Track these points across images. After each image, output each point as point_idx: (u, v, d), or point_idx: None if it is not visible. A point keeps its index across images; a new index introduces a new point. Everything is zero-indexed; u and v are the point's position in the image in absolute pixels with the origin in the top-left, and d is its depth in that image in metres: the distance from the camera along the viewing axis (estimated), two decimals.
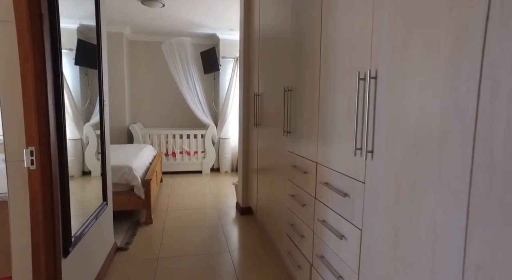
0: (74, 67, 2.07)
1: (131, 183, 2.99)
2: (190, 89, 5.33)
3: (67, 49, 2.02)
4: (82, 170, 2.20)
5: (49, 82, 1.30)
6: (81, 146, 2.19)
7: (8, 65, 1.25)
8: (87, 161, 2.25)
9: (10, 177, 1.31)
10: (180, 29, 5.10)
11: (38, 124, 1.25)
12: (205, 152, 5.42)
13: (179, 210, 3.52)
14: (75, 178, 2.09)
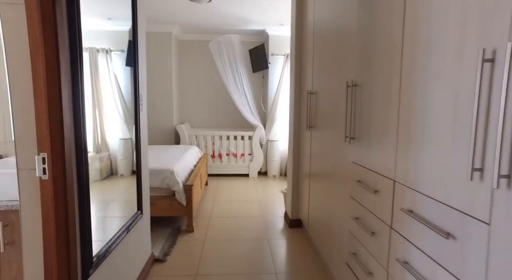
0: (126, 68, 2.07)
1: (172, 188, 2.81)
2: (237, 88, 5.11)
3: (119, 51, 2.10)
4: (132, 169, 2.19)
5: (63, 76, 1.08)
6: (131, 146, 2.18)
7: (20, 57, 1.07)
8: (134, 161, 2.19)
9: (22, 189, 1.12)
10: (228, 26, 4.91)
11: (49, 126, 1.05)
12: (252, 154, 5.16)
13: (222, 218, 3.28)
14: (125, 177, 2.16)
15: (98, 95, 3.92)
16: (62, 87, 1.07)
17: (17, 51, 1.06)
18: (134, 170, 2.21)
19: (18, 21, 1.05)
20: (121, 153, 2.30)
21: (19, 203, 1.13)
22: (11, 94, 1.07)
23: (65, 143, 1.10)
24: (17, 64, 1.07)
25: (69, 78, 1.12)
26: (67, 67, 1.11)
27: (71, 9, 1.13)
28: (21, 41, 1.05)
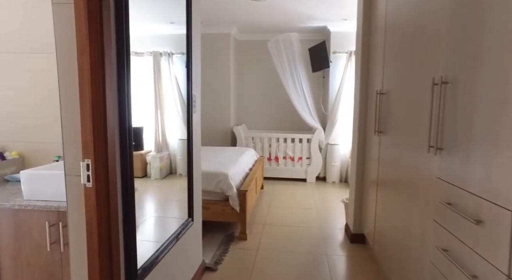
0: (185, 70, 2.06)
1: (226, 192, 2.72)
2: (296, 89, 4.88)
3: (180, 53, 2.16)
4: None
5: (108, 78, 1.01)
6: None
7: (70, 59, 1.02)
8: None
9: (69, 195, 1.08)
10: (287, 24, 4.72)
11: (93, 132, 0.98)
12: (310, 158, 4.89)
13: (278, 226, 3.10)
14: (183, 176, 2.15)
15: (160, 97, 4.04)
16: (106, 90, 1.00)
17: (67, 53, 1.02)
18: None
19: (68, 21, 1.00)
20: (180, 153, 2.35)
21: (67, 209, 1.09)
22: (60, 96, 1.03)
23: (108, 149, 1.02)
24: (66, 67, 1.02)
25: (115, 81, 1.05)
26: (112, 69, 1.03)
27: (119, 10, 1.06)
28: (71, 42, 1.00)
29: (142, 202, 2.81)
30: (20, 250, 1.52)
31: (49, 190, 1.48)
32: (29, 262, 1.53)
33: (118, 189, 1.09)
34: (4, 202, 1.48)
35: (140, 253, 1.58)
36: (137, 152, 3.17)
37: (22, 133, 1.95)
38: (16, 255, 1.53)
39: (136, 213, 2.45)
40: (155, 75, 3.77)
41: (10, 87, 1.94)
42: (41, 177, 1.50)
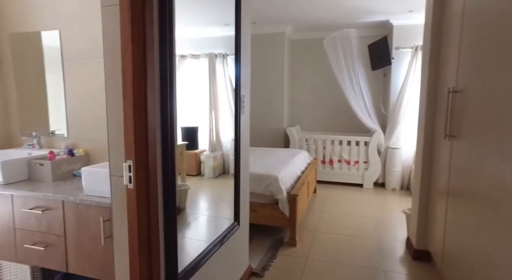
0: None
1: (275, 196, 2.64)
2: (353, 88, 4.59)
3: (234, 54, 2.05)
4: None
5: (150, 78, 0.99)
6: None
7: (115, 59, 1.03)
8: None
9: (114, 195, 1.10)
10: (344, 20, 4.46)
11: (134, 132, 0.97)
12: (368, 162, 4.55)
13: (330, 234, 2.91)
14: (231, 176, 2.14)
15: (214, 98, 4.10)
16: (148, 90, 0.98)
17: (114, 55, 1.03)
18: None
19: (115, 23, 1.01)
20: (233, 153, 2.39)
21: (112, 208, 1.11)
22: (106, 97, 1.05)
23: (149, 151, 1.01)
24: (112, 69, 1.04)
25: (158, 82, 1.03)
26: (155, 70, 1.02)
27: (162, 11, 1.04)
28: (117, 44, 1.01)
29: (195, 200, 2.88)
30: (81, 241, 1.63)
31: (104, 187, 1.56)
32: (88, 252, 1.63)
33: (159, 191, 1.07)
34: (69, 196, 1.60)
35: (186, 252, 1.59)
36: (192, 151, 3.26)
37: (89, 132, 2.12)
38: (78, 244, 1.64)
39: (188, 210, 2.51)
40: (210, 77, 3.85)
41: (83, 90, 2.11)
42: (97, 174, 1.58)
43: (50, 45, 2.14)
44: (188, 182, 3.04)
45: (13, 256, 1.81)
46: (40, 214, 1.69)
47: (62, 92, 2.14)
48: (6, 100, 2.31)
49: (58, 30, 2.09)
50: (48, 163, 1.85)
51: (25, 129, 2.28)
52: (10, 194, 1.74)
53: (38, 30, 2.13)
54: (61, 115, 2.16)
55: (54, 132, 2.20)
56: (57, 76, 2.14)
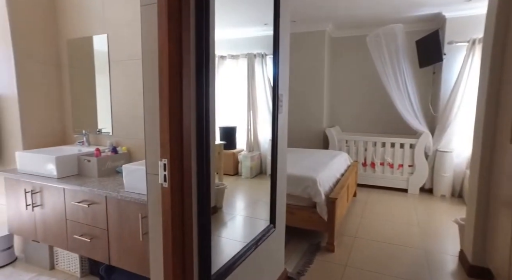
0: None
1: (313, 199, 2.55)
2: (398, 87, 4.31)
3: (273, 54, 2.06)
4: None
5: (185, 77, 0.99)
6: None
7: (153, 59, 1.04)
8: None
9: (150, 193, 1.11)
10: (390, 15, 4.21)
11: (170, 131, 0.97)
12: (413, 166, 4.25)
13: (370, 241, 2.75)
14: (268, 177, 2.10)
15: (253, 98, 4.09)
16: (183, 89, 0.97)
17: (151, 52, 1.04)
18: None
19: (153, 22, 1.02)
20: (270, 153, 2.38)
21: (148, 206, 1.13)
22: (144, 96, 1.07)
23: (184, 150, 1.00)
24: (150, 69, 1.05)
25: (193, 80, 1.02)
26: (190, 68, 1.01)
27: (199, 10, 1.03)
28: (155, 42, 1.02)
29: (232, 199, 2.89)
30: (122, 235, 1.69)
31: (142, 184, 1.60)
32: (128, 247, 1.69)
33: (193, 191, 1.07)
34: (112, 192, 1.67)
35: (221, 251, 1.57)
36: (230, 151, 3.28)
37: (131, 130, 2.21)
38: (119, 238, 1.71)
39: (225, 210, 2.52)
40: (248, 77, 3.86)
41: (127, 91, 2.21)
42: (136, 172, 1.63)
43: (99, 49, 2.27)
44: (226, 182, 3.06)
45: (65, 245, 1.94)
46: (86, 207, 1.79)
47: (108, 93, 2.25)
48: (62, 101, 2.50)
49: (106, 34, 2.20)
50: (94, 159, 1.96)
51: (77, 128, 2.45)
52: (63, 187, 1.87)
53: (90, 35, 2.27)
54: (107, 114, 2.28)
55: (101, 130, 2.34)
56: (105, 78, 2.26)
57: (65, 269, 2.17)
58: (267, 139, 3.02)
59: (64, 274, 2.16)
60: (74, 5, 2.33)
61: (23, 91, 2.24)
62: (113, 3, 2.15)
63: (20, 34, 2.21)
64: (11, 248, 2.30)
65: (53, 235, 1.99)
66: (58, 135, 2.49)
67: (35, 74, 2.32)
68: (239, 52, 3.61)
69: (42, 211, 2.00)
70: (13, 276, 2.12)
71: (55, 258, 2.21)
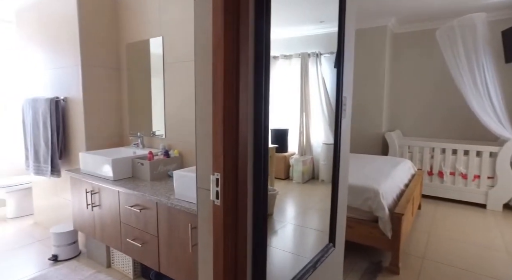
0: (333, 71, 2.02)
1: (375, 212, 2.28)
2: (476, 86, 3.75)
3: (328, 53, 2.07)
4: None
5: (243, 77, 0.85)
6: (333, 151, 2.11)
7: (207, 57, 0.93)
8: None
9: (200, 208, 1.00)
10: (468, 3, 3.67)
11: (224, 140, 0.84)
12: (495, 178, 3.66)
13: (443, 265, 2.38)
14: (325, 183, 2.09)
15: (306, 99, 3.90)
16: (240, 91, 0.84)
17: (204, 50, 0.93)
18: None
19: (207, 17, 0.91)
20: (323, 158, 2.25)
21: (198, 220, 1.02)
22: (196, 99, 0.96)
23: (239, 162, 0.87)
24: (203, 66, 0.94)
25: (252, 83, 0.88)
26: (248, 66, 0.87)
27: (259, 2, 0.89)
28: (208, 39, 0.91)
29: (283, 205, 2.74)
30: (172, 243, 1.64)
31: (193, 192, 1.52)
32: (177, 256, 1.63)
33: (248, 209, 0.93)
34: (162, 198, 1.63)
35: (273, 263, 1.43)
36: (281, 154, 3.14)
37: (184, 133, 2.17)
38: (169, 246, 1.66)
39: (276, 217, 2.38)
40: (302, 77, 3.67)
41: (180, 93, 2.18)
42: (186, 179, 1.56)
43: (155, 51, 2.27)
44: (276, 186, 2.92)
45: (119, 246, 1.96)
46: (138, 212, 1.77)
47: (162, 95, 2.25)
48: (121, 103, 2.58)
49: (161, 36, 2.20)
50: (147, 163, 1.95)
51: (133, 130, 2.50)
52: (117, 190, 1.89)
53: (147, 38, 2.29)
54: (161, 117, 2.28)
55: (154, 133, 2.35)
56: (159, 81, 2.26)
57: (120, 268, 2.21)
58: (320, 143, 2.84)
59: (118, 273, 2.20)
60: (134, 11, 2.37)
61: (87, 94, 2.34)
62: (168, 5, 2.14)
63: (87, 41, 2.31)
64: (76, 243, 2.42)
65: (109, 236, 2.02)
66: (116, 136, 2.57)
67: (98, 78, 2.41)
68: (292, 51, 3.44)
69: (100, 211, 2.05)
70: (77, 270, 2.22)
71: (111, 257, 2.27)
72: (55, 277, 2.14)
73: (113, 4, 2.47)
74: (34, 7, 2.64)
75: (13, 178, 3.30)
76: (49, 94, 2.62)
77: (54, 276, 2.16)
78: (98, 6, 2.37)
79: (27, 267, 2.29)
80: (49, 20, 2.53)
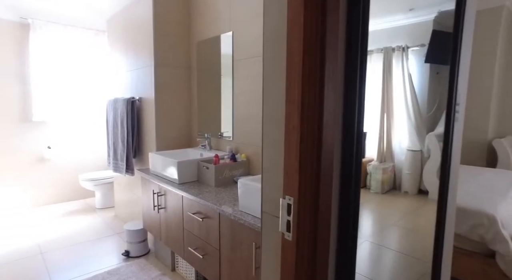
0: (423, 66, 1.86)
1: (490, 245, 1.75)
2: None
3: (417, 46, 1.86)
4: (419, 187, 1.94)
5: (329, 68, 0.59)
6: (420, 159, 1.97)
7: (280, 42, 0.69)
8: (425, 177, 1.90)
9: (265, 237, 0.76)
10: None
11: (301, 152, 0.59)
12: None
13: None
14: (409, 195, 1.96)
15: (388, 99, 3.38)
16: (326, 86, 0.58)
17: (275, 31, 0.69)
18: (421, 189, 1.88)
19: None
20: (408, 166, 2.06)
21: (261, 248, 0.79)
22: (263, 97, 0.72)
23: (321, 183, 0.60)
24: (272, 55, 0.70)
25: (342, 73, 0.61)
26: (338, 54, 0.60)
27: None
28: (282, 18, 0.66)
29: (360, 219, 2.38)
30: (234, 260, 1.45)
31: (259, 205, 1.31)
32: (238, 275, 1.43)
33: (331, 248, 0.66)
34: (225, 209, 1.45)
35: None
36: None
37: (252, 136, 1.99)
38: (230, 263, 1.48)
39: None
40: (384, 74, 3.20)
41: (249, 92, 2.01)
42: (252, 189, 1.35)
43: (224, 50, 2.15)
44: None
45: (182, 253, 1.87)
46: (200, 221, 1.64)
47: (231, 95, 2.10)
48: (190, 103, 2.53)
49: (231, 31, 2.05)
50: (212, 167, 1.81)
51: (201, 130, 2.42)
52: (182, 195, 1.79)
53: (218, 35, 2.18)
54: (229, 118, 2.14)
55: (222, 135, 2.22)
56: (228, 80, 2.13)
57: (183, 274, 2.14)
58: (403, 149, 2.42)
59: (182, 279, 2.13)
60: (205, 7, 2.29)
61: (159, 94, 2.34)
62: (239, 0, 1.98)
63: (160, 41, 2.31)
64: (146, 241, 2.45)
65: (173, 241, 1.95)
66: (185, 137, 2.53)
67: (169, 78, 2.39)
68: (373, 46, 3.02)
69: (166, 214, 2.00)
70: (145, 269, 2.22)
71: (176, 260, 2.22)
72: (125, 273, 2.18)
73: (185, 4, 2.43)
74: (120, 15, 2.78)
75: (99, 173, 3.59)
76: (127, 94, 2.72)
77: (125, 272, 2.20)
78: (172, 5, 2.35)
79: (104, 259, 2.39)
80: (130, 25, 2.63)
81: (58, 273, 2.21)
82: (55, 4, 2.82)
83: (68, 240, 2.73)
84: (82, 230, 2.95)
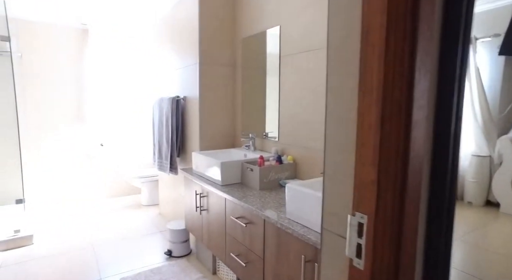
0: (496, 59, 1.69)
1: None
2: None
3: (490, 36, 1.66)
4: (486, 198, 1.75)
5: (421, 54, 0.44)
6: (488, 166, 1.79)
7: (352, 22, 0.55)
8: (494, 187, 1.74)
9: (325, 262, 0.63)
10: None
11: (380, 161, 0.45)
12: None
13: None
14: (473, 206, 1.81)
15: None
16: (416, 74, 0.43)
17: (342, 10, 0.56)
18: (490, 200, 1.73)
19: None
20: (472, 173, 1.86)
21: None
22: (327, 87, 0.59)
23: (407, 199, 0.46)
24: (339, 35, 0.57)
25: (436, 60, 0.46)
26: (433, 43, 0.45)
27: None
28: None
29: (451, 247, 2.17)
30: (279, 273, 1.33)
31: (309, 214, 1.17)
32: None
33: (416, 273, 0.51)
34: (271, 216, 1.34)
35: None
36: None
37: (299, 137, 1.85)
38: (276, 276, 1.36)
39: None
40: None
41: (296, 89, 1.88)
42: (301, 195, 1.22)
43: (271, 46, 2.04)
44: None
45: (223, 258, 1.80)
46: (244, 226, 1.54)
47: (277, 93, 1.99)
48: (234, 102, 2.47)
49: (278, 26, 1.94)
50: (257, 169, 1.71)
51: (245, 130, 2.34)
52: (224, 197, 1.71)
53: (264, 30, 2.08)
54: (275, 117, 2.02)
55: (267, 135, 2.11)
56: (274, 78, 2.01)
57: (224, 278, 2.07)
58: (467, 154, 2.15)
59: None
60: (251, 3, 2.20)
61: (203, 92, 2.30)
62: None
63: (205, 39, 2.27)
64: (188, 241, 2.43)
65: (215, 244, 1.89)
66: (228, 136, 2.47)
67: (213, 76, 2.35)
68: None
69: (208, 216, 1.94)
70: (186, 271, 2.20)
71: (217, 264, 2.16)
72: (167, 273, 2.16)
73: (231, 0, 2.37)
74: (168, 16, 2.82)
75: (146, 170, 3.70)
76: (172, 94, 2.73)
77: (167, 272, 2.19)
78: (217, 2, 2.31)
79: (148, 256, 2.42)
80: (176, 24, 2.64)
81: (106, 267, 2.28)
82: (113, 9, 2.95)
83: (117, 235, 2.83)
84: (129, 226, 3.04)
